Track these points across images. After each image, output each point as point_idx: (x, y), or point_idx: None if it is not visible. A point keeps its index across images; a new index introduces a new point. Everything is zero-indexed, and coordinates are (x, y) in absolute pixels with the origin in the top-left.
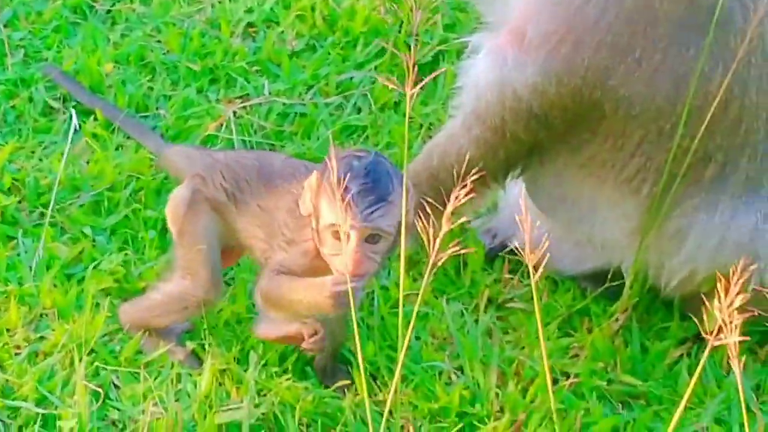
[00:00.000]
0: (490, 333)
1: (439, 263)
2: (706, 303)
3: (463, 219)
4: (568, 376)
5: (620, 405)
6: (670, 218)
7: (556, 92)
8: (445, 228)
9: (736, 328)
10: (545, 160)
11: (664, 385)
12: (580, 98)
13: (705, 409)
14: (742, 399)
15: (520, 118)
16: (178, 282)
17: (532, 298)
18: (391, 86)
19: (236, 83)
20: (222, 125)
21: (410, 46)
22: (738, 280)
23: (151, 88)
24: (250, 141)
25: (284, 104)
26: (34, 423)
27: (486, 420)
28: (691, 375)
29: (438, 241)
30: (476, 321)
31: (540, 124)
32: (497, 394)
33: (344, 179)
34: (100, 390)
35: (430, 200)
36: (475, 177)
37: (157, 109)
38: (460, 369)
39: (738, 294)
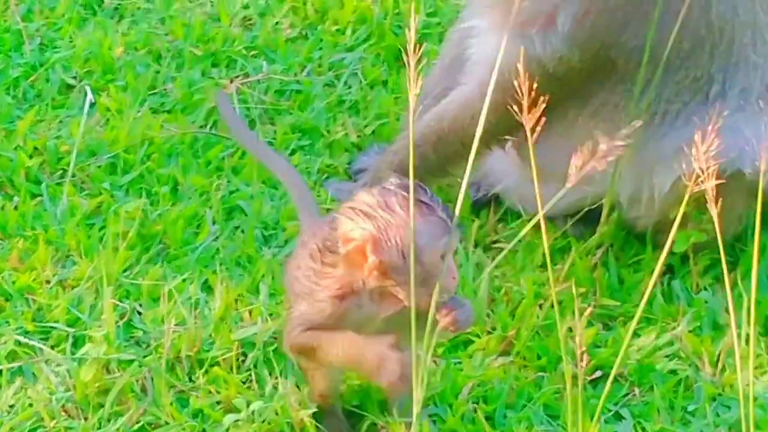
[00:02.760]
0: (480, 268)
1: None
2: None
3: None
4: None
5: (601, 326)
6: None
7: (579, 59)
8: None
9: (712, 174)
10: (553, 118)
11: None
12: (596, 58)
13: (678, 324)
14: (718, 232)
15: (542, 83)
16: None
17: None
18: None
19: (236, 65)
20: None
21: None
22: (713, 126)
23: (158, 71)
24: (250, 114)
25: (281, 81)
26: (65, 342)
27: (479, 335)
28: (664, 299)
29: None
30: (467, 258)
31: (559, 82)
32: (488, 315)
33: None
34: (126, 306)
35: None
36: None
37: (164, 87)
38: None
39: (713, 140)
